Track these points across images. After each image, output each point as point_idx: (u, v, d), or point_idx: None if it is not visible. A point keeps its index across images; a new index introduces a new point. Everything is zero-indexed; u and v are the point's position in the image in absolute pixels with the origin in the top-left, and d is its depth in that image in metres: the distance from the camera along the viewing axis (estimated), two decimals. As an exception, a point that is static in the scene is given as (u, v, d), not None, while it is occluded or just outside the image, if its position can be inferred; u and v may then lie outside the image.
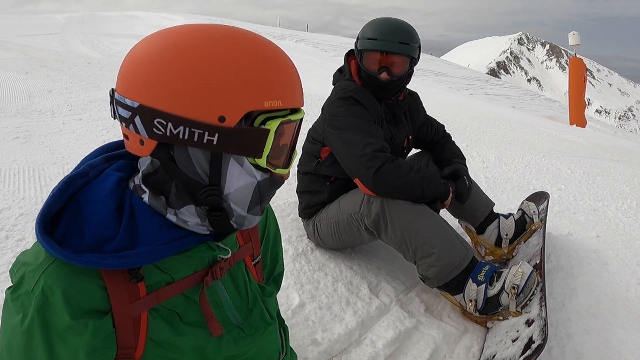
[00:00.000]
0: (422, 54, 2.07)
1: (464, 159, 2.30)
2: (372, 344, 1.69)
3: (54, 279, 0.72)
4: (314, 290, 1.90)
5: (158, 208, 0.80)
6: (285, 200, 2.67)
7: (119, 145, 0.89)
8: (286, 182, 0.86)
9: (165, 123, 0.71)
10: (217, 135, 0.71)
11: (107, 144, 0.89)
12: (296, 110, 0.80)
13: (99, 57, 9.64)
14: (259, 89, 0.72)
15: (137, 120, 0.72)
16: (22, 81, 5.73)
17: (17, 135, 3.52)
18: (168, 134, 0.71)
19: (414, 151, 2.48)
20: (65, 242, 0.73)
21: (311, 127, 2.21)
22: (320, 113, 2.13)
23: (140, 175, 0.81)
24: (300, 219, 2.26)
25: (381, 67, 1.96)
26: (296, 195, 2.29)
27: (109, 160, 0.85)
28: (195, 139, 0.71)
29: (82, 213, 0.76)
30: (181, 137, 0.71)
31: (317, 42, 23.33)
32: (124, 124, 0.75)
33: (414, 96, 2.29)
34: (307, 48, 21.32)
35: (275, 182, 0.82)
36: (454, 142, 2.40)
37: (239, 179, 0.77)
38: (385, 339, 1.72)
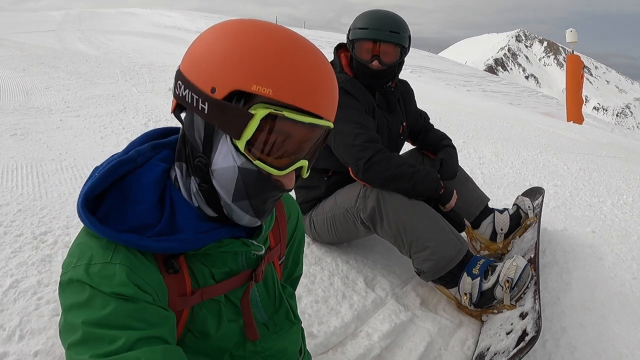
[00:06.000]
0: (420, 50, 2.09)
1: (450, 139, 2.37)
2: (367, 336, 1.70)
3: (121, 258, 0.75)
4: (310, 283, 1.91)
5: (186, 185, 0.83)
6: (282, 196, 2.67)
7: (164, 132, 0.92)
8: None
9: (181, 84, 0.78)
10: (207, 104, 0.75)
11: (153, 129, 0.92)
12: (306, 114, 0.75)
13: (95, 54, 9.59)
14: (251, 70, 0.72)
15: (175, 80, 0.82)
16: (19, 78, 5.71)
17: (14, 131, 3.52)
18: (181, 94, 0.78)
19: (406, 149, 2.49)
20: (107, 223, 0.76)
21: None
22: None
23: (176, 153, 0.85)
24: (297, 213, 2.27)
25: (372, 55, 2.00)
26: (293, 189, 2.30)
27: (155, 148, 0.87)
28: (194, 104, 0.76)
29: (127, 199, 0.79)
30: (187, 99, 0.77)
31: (314, 39, 23.25)
32: None
33: (405, 84, 2.34)
34: (305, 45, 21.24)
35: (263, 179, 0.78)
36: (436, 129, 2.47)
37: (224, 158, 0.77)
38: (380, 331, 1.73)
